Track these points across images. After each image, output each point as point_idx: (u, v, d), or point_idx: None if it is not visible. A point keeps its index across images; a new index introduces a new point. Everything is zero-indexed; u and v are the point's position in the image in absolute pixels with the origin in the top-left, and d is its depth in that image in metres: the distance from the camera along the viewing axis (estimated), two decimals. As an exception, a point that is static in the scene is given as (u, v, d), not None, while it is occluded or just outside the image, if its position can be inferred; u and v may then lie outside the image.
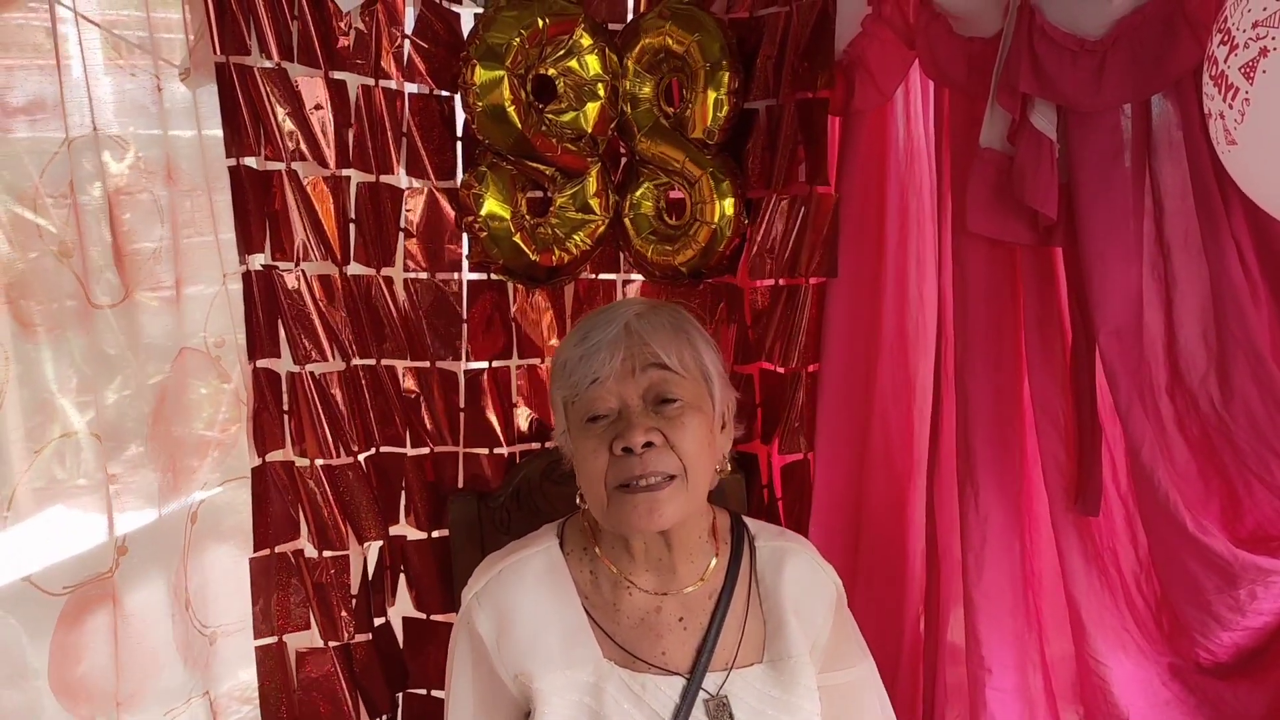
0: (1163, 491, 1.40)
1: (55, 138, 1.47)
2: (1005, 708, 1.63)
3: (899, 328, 1.78)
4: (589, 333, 1.28)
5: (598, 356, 1.25)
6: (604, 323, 1.28)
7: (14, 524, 1.50)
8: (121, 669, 1.54)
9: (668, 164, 1.69)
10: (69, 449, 1.53)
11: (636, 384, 1.25)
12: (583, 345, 1.27)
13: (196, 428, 1.69)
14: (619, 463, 1.23)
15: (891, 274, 1.77)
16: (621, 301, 1.34)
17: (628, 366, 1.25)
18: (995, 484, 1.61)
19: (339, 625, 1.61)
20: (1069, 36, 1.33)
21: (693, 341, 1.30)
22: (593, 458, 1.25)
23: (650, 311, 1.30)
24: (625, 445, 1.22)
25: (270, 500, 1.58)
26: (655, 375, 1.26)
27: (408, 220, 1.65)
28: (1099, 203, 1.38)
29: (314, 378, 1.56)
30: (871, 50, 1.64)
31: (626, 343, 1.26)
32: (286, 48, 1.50)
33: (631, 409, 1.24)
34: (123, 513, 1.58)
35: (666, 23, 1.65)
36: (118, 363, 1.58)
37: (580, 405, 1.26)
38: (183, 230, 1.61)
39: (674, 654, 1.30)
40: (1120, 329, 1.40)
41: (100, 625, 1.54)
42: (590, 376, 1.25)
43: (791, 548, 1.40)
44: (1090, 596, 1.57)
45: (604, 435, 1.25)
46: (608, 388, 1.25)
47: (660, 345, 1.26)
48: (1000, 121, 1.43)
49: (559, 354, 1.32)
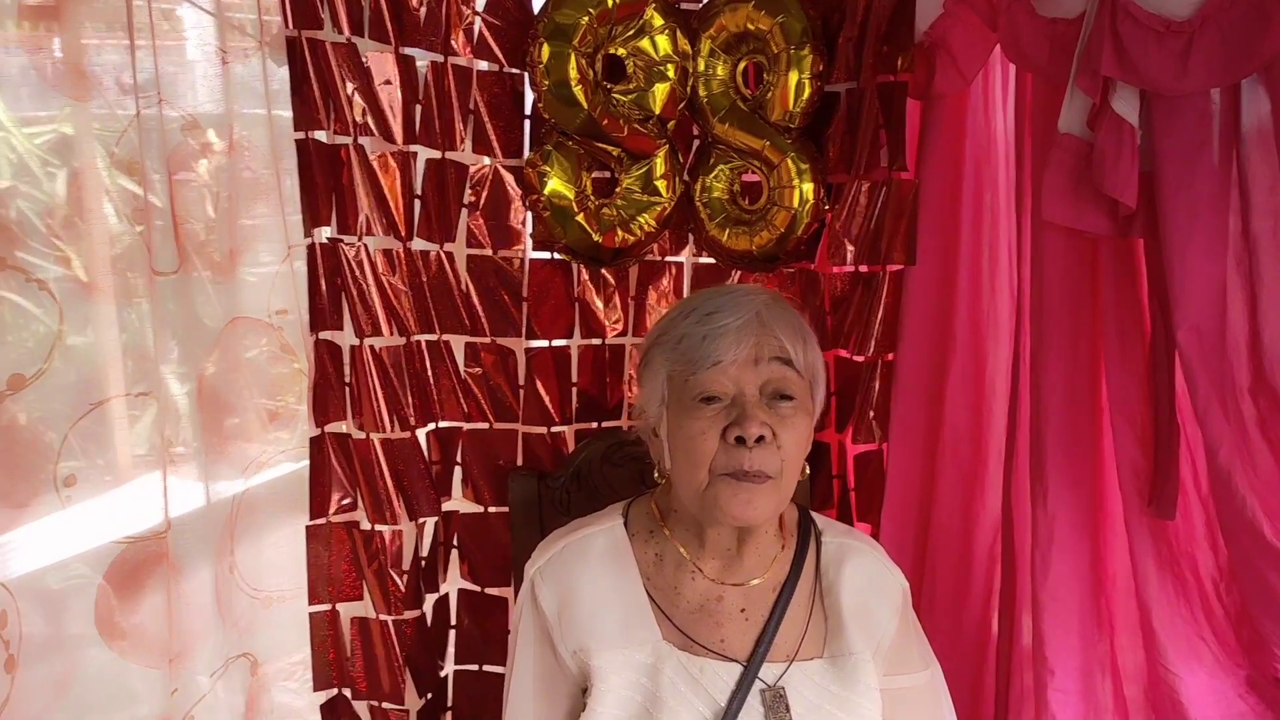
0: (1240, 496, 1.34)
1: (165, 115, 1.52)
2: (1068, 709, 1.59)
3: (973, 319, 1.74)
4: (714, 312, 1.26)
5: (724, 339, 1.24)
6: (731, 305, 1.26)
7: (114, 488, 1.55)
8: (173, 627, 1.59)
9: (746, 147, 1.67)
10: (169, 417, 1.58)
11: (757, 374, 1.24)
12: (707, 324, 1.25)
13: (263, 400, 1.74)
14: (729, 451, 1.23)
15: (966, 263, 1.74)
16: (741, 286, 1.33)
17: (752, 355, 1.24)
18: (1065, 482, 1.57)
19: (390, 599, 1.63)
20: (1154, 17, 1.27)
21: (809, 341, 1.29)
22: (700, 439, 1.24)
23: (776, 303, 1.29)
24: (740, 434, 1.22)
25: (328, 471, 1.61)
26: (777, 370, 1.25)
27: (472, 196, 1.66)
28: (1182, 193, 1.32)
29: (374, 351, 1.58)
30: (954, 32, 1.60)
31: (758, 332, 1.25)
32: (357, 23, 1.52)
33: (748, 398, 1.23)
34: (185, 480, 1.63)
35: (747, 3, 1.63)
36: (213, 335, 1.64)
37: (694, 383, 1.25)
38: (285, 206, 1.65)
39: (733, 642, 1.30)
40: (1200, 326, 1.34)
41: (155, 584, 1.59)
42: (714, 358, 1.24)
43: (857, 546, 1.39)
44: (1163, 603, 1.52)
45: (716, 419, 1.24)
46: (729, 373, 1.24)
47: (789, 340, 1.25)
48: (1080, 106, 1.37)
49: (671, 326, 1.30)
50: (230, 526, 1.69)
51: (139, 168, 1.49)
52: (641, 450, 1.62)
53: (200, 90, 1.59)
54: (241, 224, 1.67)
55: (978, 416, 1.77)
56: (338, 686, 1.68)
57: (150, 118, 1.50)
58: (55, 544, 1.49)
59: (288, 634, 1.76)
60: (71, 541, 1.51)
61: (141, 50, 1.46)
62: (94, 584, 1.53)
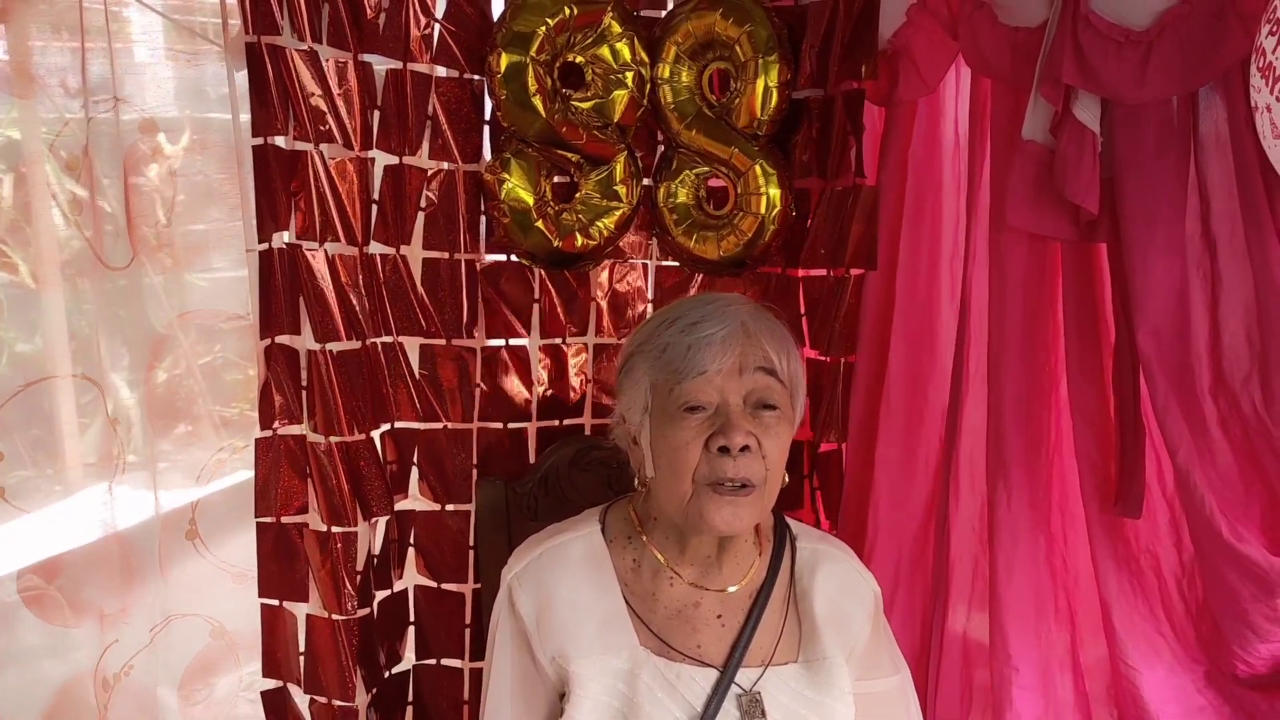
0: (1199, 496, 1.37)
1: (111, 118, 1.50)
2: (1031, 706, 1.62)
3: (928, 323, 1.76)
4: (699, 322, 1.26)
5: (709, 349, 1.23)
6: (716, 315, 1.26)
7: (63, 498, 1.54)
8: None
9: (713, 154, 1.68)
10: (119, 425, 1.56)
11: (741, 384, 1.24)
12: (692, 334, 1.25)
13: (241, 405, 1.72)
14: (713, 461, 1.23)
15: (925, 268, 1.76)
16: (723, 296, 1.33)
17: (736, 365, 1.24)
18: (1026, 483, 1.59)
19: (343, 599, 1.62)
20: (1114, 27, 1.30)
21: (792, 350, 1.29)
22: (684, 450, 1.24)
23: (760, 313, 1.29)
24: (724, 445, 1.22)
25: (279, 472, 1.59)
26: (762, 380, 1.25)
27: (430, 201, 1.64)
28: (1141, 198, 1.35)
29: (331, 355, 1.56)
30: (916, 40, 1.62)
31: (743, 342, 1.25)
32: (317, 29, 1.50)
33: (732, 408, 1.24)
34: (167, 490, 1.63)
35: (714, 11, 1.63)
36: (168, 341, 1.62)
37: (678, 393, 1.25)
38: (242, 210, 1.63)
39: (709, 647, 1.30)
40: (1160, 328, 1.37)
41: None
42: (699, 368, 1.23)
43: (830, 551, 1.40)
44: (1122, 601, 1.55)
45: (701, 429, 1.24)
46: (714, 383, 1.24)
47: (774, 350, 1.26)
48: (1043, 113, 1.40)
49: (655, 335, 1.30)
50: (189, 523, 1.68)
51: (88, 171, 1.47)
52: (609, 455, 1.62)
53: (155, 93, 1.57)
54: (196, 228, 1.65)
55: (930, 417, 1.79)
56: (283, 680, 1.67)
57: (104, 121, 1.47)
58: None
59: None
60: (19, 552, 1.50)
61: (93, 53, 1.44)
62: (47, 594, 1.51)
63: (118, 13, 1.48)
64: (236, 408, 1.80)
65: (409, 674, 1.77)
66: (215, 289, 1.73)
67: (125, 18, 1.50)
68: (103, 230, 1.49)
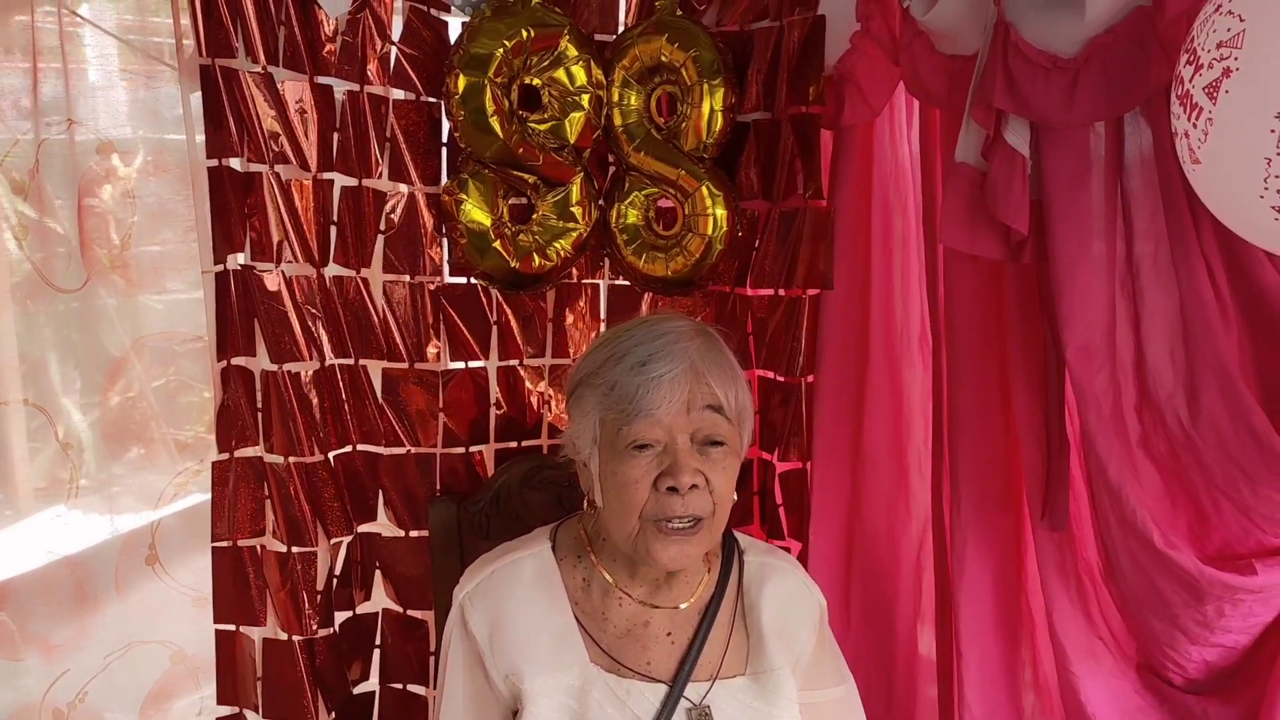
0: (1130, 507, 1.40)
1: (65, 139, 1.51)
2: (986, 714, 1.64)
3: (886, 340, 1.79)
4: (647, 362, 1.25)
5: (658, 391, 1.23)
6: (664, 354, 1.25)
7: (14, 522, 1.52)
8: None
9: (661, 176, 1.71)
10: (72, 449, 1.55)
11: (689, 421, 1.25)
12: (641, 374, 1.24)
13: (197, 429, 1.72)
14: (660, 499, 1.24)
15: (879, 286, 1.79)
16: (669, 325, 1.29)
17: (685, 404, 1.24)
18: (979, 494, 1.62)
19: (304, 620, 1.62)
20: (1043, 54, 1.33)
21: (738, 380, 1.30)
22: (633, 487, 1.25)
23: (709, 348, 1.29)
24: (672, 485, 1.23)
25: (236, 494, 1.59)
26: (709, 417, 1.25)
27: (388, 223, 1.66)
28: (1068, 219, 1.38)
29: (289, 376, 1.57)
30: (860, 66, 1.66)
31: (692, 381, 1.25)
32: (272, 52, 1.52)
33: (680, 448, 1.24)
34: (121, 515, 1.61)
35: (661, 36, 1.67)
36: (122, 365, 1.62)
37: (626, 432, 1.25)
38: (190, 234, 1.64)
39: (659, 663, 1.32)
40: (1087, 346, 1.40)
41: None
42: (647, 410, 1.23)
43: (777, 565, 1.42)
44: (1064, 608, 1.57)
45: (649, 468, 1.24)
46: (662, 422, 1.24)
47: (721, 387, 1.26)
48: (975, 137, 1.43)
49: (603, 370, 1.28)
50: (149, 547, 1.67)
51: (39, 192, 1.47)
52: (560, 474, 1.64)
53: (110, 114, 1.57)
54: (151, 250, 1.65)
55: (895, 433, 1.82)
56: (239, 707, 1.67)
57: (56, 142, 1.47)
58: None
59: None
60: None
61: (46, 74, 1.44)
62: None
63: (72, 34, 1.49)
64: (191, 430, 1.80)
65: (373, 697, 1.77)
66: (170, 311, 1.72)
67: (80, 38, 1.51)
68: (54, 252, 1.49)
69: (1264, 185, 1.07)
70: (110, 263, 1.60)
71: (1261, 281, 1.30)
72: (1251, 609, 1.38)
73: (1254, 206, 1.09)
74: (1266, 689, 1.36)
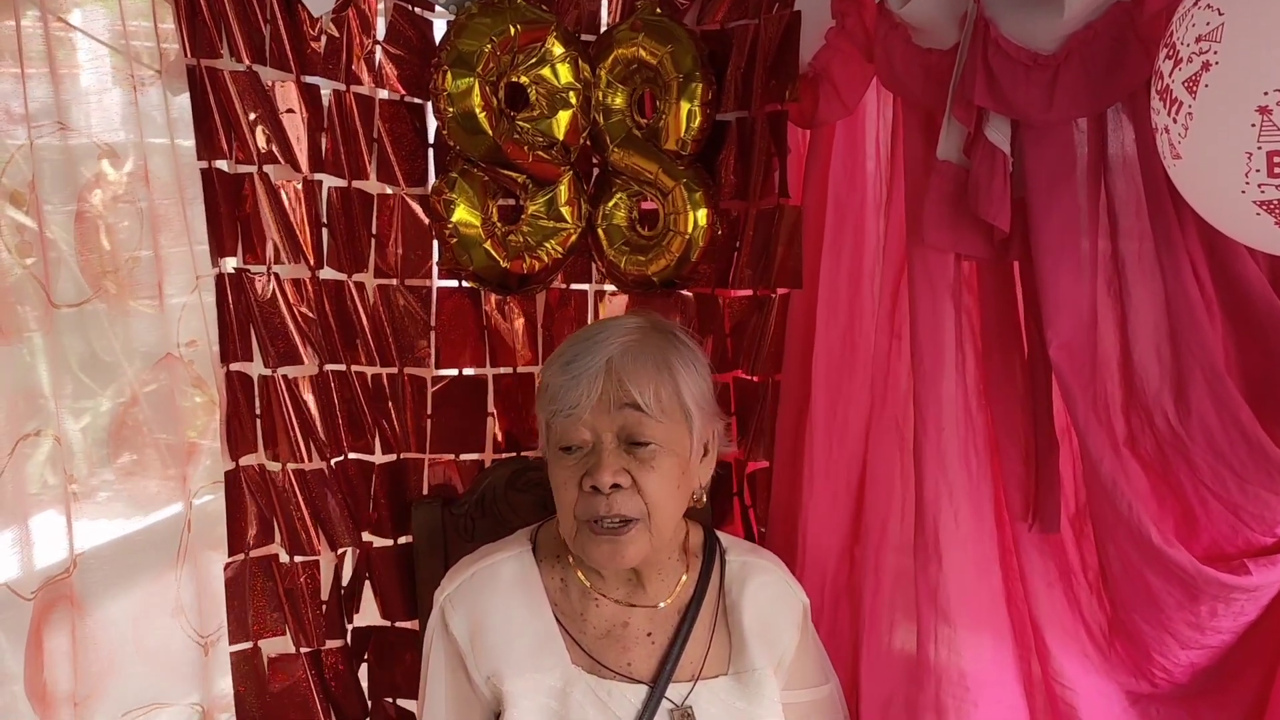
0: (1125, 504, 1.39)
1: (67, 145, 1.51)
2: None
3: (850, 340, 1.77)
4: (573, 360, 1.27)
5: (577, 388, 1.25)
6: (587, 352, 1.27)
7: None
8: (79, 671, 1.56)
9: (640, 175, 1.71)
10: (61, 454, 1.55)
11: (612, 420, 1.25)
12: (566, 373, 1.26)
13: (188, 434, 1.72)
14: (586, 499, 1.25)
15: (845, 287, 1.77)
16: (611, 326, 1.32)
17: (604, 403, 1.25)
18: (968, 500, 1.59)
19: (310, 631, 1.61)
20: (1023, 50, 1.33)
21: (675, 376, 1.28)
22: (564, 488, 1.27)
23: (636, 345, 1.28)
24: (593, 484, 1.24)
25: (244, 504, 1.59)
26: (631, 416, 1.25)
27: (379, 226, 1.66)
28: (1051, 217, 1.37)
29: (286, 381, 1.57)
30: (834, 63, 1.64)
31: (605, 379, 1.25)
32: (258, 51, 1.52)
33: (604, 446, 1.25)
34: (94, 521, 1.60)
35: (639, 34, 1.67)
36: (113, 370, 1.61)
37: (556, 432, 1.27)
38: (191, 236, 1.64)
39: (640, 664, 1.32)
40: (1071, 344, 1.39)
41: (61, 628, 1.56)
42: (568, 408, 1.25)
43: (760, 564, 1.42)
44: (1053, 617, 1.55)
45: (575, 469, 1.26)
46: (584, 420, 1.25)
47: (637, 385, 1.25)
48: (956, 134, 1.43)
49: (545, 373, 1.32)
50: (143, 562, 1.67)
51: (30, 199, 1.47)
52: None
53: (101, 119, 1.57)
54: (144, 255, 1.65)
55: (854, 434, 1.78)
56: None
57: (47, 147, 1.48)
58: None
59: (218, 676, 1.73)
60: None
61: (35, 78, 1.45)
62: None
63: (62, 38, 1.50)
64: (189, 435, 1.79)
65: (369, 709, 1.75)
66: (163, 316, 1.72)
67: (70, 42, 1.51)
68: (47, 259, 1.50)
69: (1245, 180, 1.06)
70: (101, 268, 1.60)
71: (1243, 276, 1.29)
72: (1243, 608, 1.37)
73: (1235, 201, 1.09)
74: (1268, 691, 1.36)
